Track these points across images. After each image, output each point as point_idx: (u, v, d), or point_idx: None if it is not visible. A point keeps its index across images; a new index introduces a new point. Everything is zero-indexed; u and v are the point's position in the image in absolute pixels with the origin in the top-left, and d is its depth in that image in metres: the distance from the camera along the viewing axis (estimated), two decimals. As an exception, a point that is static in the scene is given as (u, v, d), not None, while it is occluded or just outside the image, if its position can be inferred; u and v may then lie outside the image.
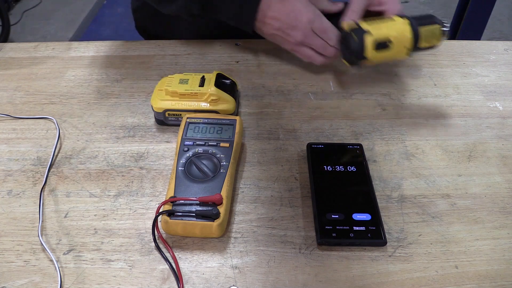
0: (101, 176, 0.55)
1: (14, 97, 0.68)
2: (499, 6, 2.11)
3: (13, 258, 0.46)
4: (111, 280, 0.44)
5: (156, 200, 0.52)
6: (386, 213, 0.51)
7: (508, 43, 0.81)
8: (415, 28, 0.57)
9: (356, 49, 0.57)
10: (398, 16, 0.59)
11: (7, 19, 2.51)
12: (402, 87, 0.70)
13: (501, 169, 0.57)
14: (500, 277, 0.45)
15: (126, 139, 0.60)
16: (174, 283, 0.44)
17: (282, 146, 0.60)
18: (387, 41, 0.57)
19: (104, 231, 0.49)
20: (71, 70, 0.73)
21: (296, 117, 0.64)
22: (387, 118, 0.64)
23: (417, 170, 0.56)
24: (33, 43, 0.80)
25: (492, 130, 0.62)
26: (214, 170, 0.51)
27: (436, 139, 0.61)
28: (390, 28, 0.57)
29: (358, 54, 0.58)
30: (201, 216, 0.46)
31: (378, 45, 0.56)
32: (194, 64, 0.74)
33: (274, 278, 0.45)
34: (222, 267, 0.46)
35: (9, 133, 0.61)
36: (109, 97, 0.68)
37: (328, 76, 0.73)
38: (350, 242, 0.47)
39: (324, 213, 0.49)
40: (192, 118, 0.58)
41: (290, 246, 0.47)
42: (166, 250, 0.47)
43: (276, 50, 0.79)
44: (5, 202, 0.52)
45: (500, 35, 2.66)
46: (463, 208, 0.52)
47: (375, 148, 0.59)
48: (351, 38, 0.57)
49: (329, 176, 0.53)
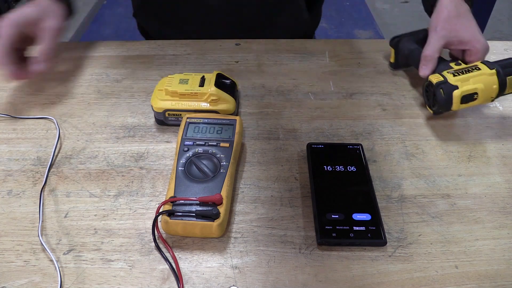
0: (101, 176, 0.55)
1: (14, 97, 0.68)
2: (499, 6, 2.11)
3: (13, 258, 0.46)
4: (111, 280, 0.44)
5: (156, 200, 0.52)
6: (386, 213, 0.51)
7: (508, 43, 0.81)
8: (502, 78, 0.58)
9: (443, 104, 0.58)
10: (484, 65, 0.59)
11: (7, 19, 2.50)
12: (402, 87, 0.70)
13: (501, 169, 0.57)
14: (500, 277, 0.45)
15: (126, 139, 0.60)
16: (174, 283, 0.44)
17: (282, 146, 0.60)
18: (474, 93, 0.57)
19: (104, 231, 0.49)
20: (71, 70, 0.73)
21: (296, 117, 0.64)
22: (387, 118, 0.64)
23: (417, 170, 0.56)
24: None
25: (492, 130, 0.62)
26: (214, 170, 0.51)
27: (436, 139, 0.61)
28: (477, 81, 0.58)
29: (445, 108, 0.59)
30: (201, 216, 0.46)
31: (464, 97, 0.57)
32: (194, 64, 0.74)
33: (274, 278, 0.45)
34: (222, 267, 0.46)
35: (9, 133, 0.61)
36: (109, 97, 0.68)
37: (328, 76, 0.73)
38: (350, 242, 0.47)
39: (324, 213, 0.49)
40: (192, 118, 0.58)
41: (290, 246, 0.47)
42: (166, 250, 0.47)
43: (276, 50, 0.79)
44: (5, 202, 0.52)
45: (500, 35, 2.66)
46: (463, 208, 0.52)
47: (375, 148, 0.59)
48: (439, 93, 0.58)
49: (329, 176, 0.53)
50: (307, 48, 0.79)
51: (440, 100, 0.58)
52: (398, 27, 2.66)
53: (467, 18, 0.65)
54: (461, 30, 0.64)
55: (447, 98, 0.57)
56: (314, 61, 0.76)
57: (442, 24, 0.64)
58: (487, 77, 0.58)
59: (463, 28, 0.64)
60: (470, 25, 0.64)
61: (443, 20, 0.64)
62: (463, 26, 0.64)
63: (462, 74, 0.58)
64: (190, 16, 0.71)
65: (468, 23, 0.64)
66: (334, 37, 2.16)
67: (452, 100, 0.57)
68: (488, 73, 0.58)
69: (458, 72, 0.58)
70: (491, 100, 0.60)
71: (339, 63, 0.76)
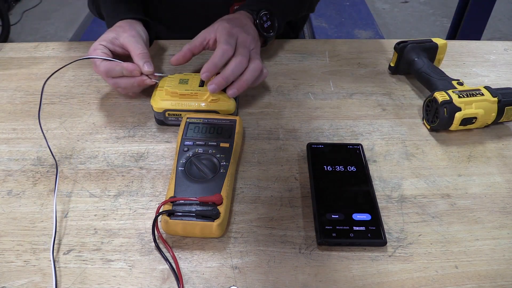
0: (101, 176, 0.55)
1: (14, 97, 0.68)
2: (499, 6, 2.11)
3: (13, 258, 0.46)
4: (111, 280, 0.44)
5: (156, 200, 0.52)
6: (386, 213, 0.51)
7: (508, 43, 0.81)
8: (501, 108, 0.59)
9: (444, 122, 0.59)
10: (488, 91, 0.60)
11: (7, 19, 2.51)
12: (402, 87, 0.70)
13: (501, 169, 0.57)
14: (500, 277, 0.45)
15: (126, 139, 0.60)
16: (174, 283, 0.44)
17: (282, 146, 0.60)
18: (473, 118, 0.59)
19: (104, 231, 0.49)
20: (71, 70, 0.73)
21: (296, 117, 0.64)
22: (387, 118, 0.64)
23: (417, 170, 0.56)
24: (33, 43, 0.81)
25: (492, 130, 0.62)
26: (214, 170, 0.51)
27: (436, 139, 0.61)
28: (479, 106, 0.59)
29: (444, 126, 0.60)
30: (201, 216, 0.46)
31: (464, 120, 0.58)
32: (194, 64, 0.74)
33: (274, 278, 0.45)
34: (222, 267, 0.46)
35: (9, 133, 0.61)
36: (109, 97, 0.68)
37: (328, 76, 0.73)
38: (350, 242, 0.47)
39: (324, 213, 0.49)
40: (192, 118, 0.58)
41: (290, 246, 0.47)
42: (166, 250, 0.47)
43: (276, 50, 0.79)
44: (5, 202, 0.52)
45: (500, 35, 2.66)
46: (463, 208, 0.52)
47: (375, 148, 0.59)
48: (442, 111, 0.58)
49: (329, 176, 0.53)
50: (307, 48, 0.79)
51: (442, 118, 0.59)
52: (398, 27, 2.66)
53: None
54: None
55: (449, 118, 0.58)
56: (314, 61, 0.76)
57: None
58: (488, 103, 0.59)
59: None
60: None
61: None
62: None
63: (466, 97, 0.59)
64: (191, 24, 0.72)
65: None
66: (334, 37, 2.16)
67: (453, 121, 0.58)
68: (490, 100, 0.59)
69: (463, 93, 0.59)
70: (485, 125, 0.62)
71: (339, 63, 0.76)
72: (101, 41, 0.64)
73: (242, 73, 0.60)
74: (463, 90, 0.60)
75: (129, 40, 0.63)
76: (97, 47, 0.63)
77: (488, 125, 0.62)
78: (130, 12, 0.71)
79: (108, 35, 0.65)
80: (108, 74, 0.62)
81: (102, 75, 0.63)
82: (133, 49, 0.63)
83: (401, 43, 0.70)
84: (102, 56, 0.61)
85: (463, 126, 0.60)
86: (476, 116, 0.58)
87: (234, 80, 0.59)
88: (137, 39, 0.64)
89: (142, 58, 0.62)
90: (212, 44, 0.64)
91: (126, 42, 0.63)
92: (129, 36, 0.64)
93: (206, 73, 0.58)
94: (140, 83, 0.62)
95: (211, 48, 0.65)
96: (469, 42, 0.82)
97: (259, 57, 0.63)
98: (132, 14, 0.70)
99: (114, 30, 0.66)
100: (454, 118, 0.58)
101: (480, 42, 0.83)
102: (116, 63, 0.61)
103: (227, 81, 0.58)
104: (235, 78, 0.59)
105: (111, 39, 0.64)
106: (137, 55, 0.62)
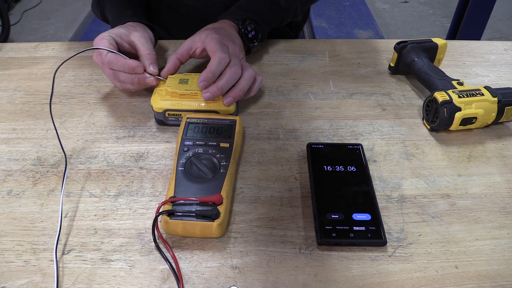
0: (101, 176, 0.55)
1: (14, 97, 0.68)
2: (499, 6, 2.11)
3: (13, 258, 0.46)
4: (111, 280, 0.44)
5: (156, 200, 0.52)
6: (386, 213, 0.51)
7: (508, 43, 0.81)
8: (501, 108, 0.59)
9: (444, 122, 0.59)
10: (488, 91, 0.60)
11: (7, 19, 2.51)
12: (402, 87, 0.70)
13: (501, 169, 0.57)
14: (500, 277, 0.45)
15: (126, 139, 0.60)
16: (174, 283, 0.44)
17: (282, 146, 0.60)
18: (473, 118, 0.59)
19: (104, 231, 0.49)
20: (71, 70, 0.73)
21: (296, 117, 0.64)
22: (387, 118, 0.64)
23: (417, 170, 0.56)
24: (33, 43, 0.81)
25: (492, 130, 0.62)
26: (214, 170, 0.51)
27: (436, 139, 0.61)
28: (479, 106, 0.59)
29: (444, 126, 0.60)
30: (201, 216, 0.46)
31: (464, 120, 0.58)
32: (194, 64, 0.74)
33: (274, 278, 0.45)
34: (222, 267, 0.46)
35: (9, 133, 0.61)
36: (109, 97, 0.68)
37: (328, 76, 0.73)
38: (350, 242, 0.47)
39: (324, 213, 0.49)
40: (192, 118, 0.58)
41: (290, 246, 0.47)
42: (166, 250, 0.47)
43: (276, 50, 0.79)
44: (5, 202, 0.52)
45: (500, 35, 2.66)
46: (463, 208, 0.52)
47: (375, 148, 0.59)
48: (442, 111, 0.58)
49: (329, 176, 0.53)
50: (307, 48, 0.79)
51: (442, 118, 0.59)
52: (398, 27, 2.66)
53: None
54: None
55: (449, 118, 0.58)
56: (314, 61, 0.76)
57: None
58: (488, 104, 0.59)
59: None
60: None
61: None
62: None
63: (466, 97, 0.59)
64: (190, 29, 0.72)
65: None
66: (334, 37, 2.16)
67: (453, 121, 0.58)
68: (490, 100, 0.59)
69: (463, 93, 0.59)
70: (485, 125, 0.62)
71: (339, 63, 0.76)
72: (110, 32, 0.65)
73: (237, 82, 0.60)
74: (463, 90, 0.60)
75: (140, 39, 0.65)
76: (105, 37, 0.63)
77: (488, 125, 0.62)
78: (135, 16, 0.71)
79: (119, 30, 0.66)
80: (111, 65, 0.62)
81: (104, 65, 0.63)
82: (142, 49, 0.64)
83: (401, 43, 0.70)
84: (108, 46, 0.62)
85: (463, 126, 0.60)
86: (476, 116, 0.59)
87: (230, 89, 0.60)
88: (147, 40, 0.65)
89: (149, 58, 0.63)
90: (198, 53, 0.65)
91: (136, 40, 0.65)
92: (140, 36, 0.65)
93: (204, 82, 0.58)
94: (141, 81, 0.62)
95: (197, 56, 0.66)
96: (469, 42, 0.82)
97: (250, 65, 0.64)
98: (138, 19, 0.71)
99: (125, 26, 0.67)
100: (454, 118, 0.58)
101: (480, 42, 0.83)
102: (121, 57, 0.62)
103: (221, 91, 0.59)
104: (229, 87, 0.59)
105: (121, 33, 0.65)
106: (145, 55, 0.63)
